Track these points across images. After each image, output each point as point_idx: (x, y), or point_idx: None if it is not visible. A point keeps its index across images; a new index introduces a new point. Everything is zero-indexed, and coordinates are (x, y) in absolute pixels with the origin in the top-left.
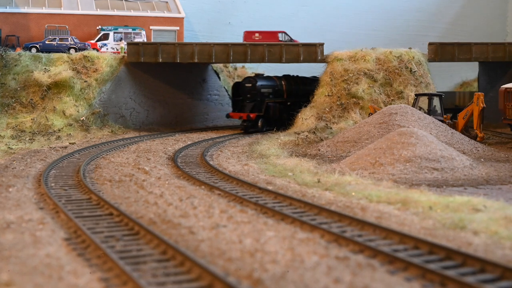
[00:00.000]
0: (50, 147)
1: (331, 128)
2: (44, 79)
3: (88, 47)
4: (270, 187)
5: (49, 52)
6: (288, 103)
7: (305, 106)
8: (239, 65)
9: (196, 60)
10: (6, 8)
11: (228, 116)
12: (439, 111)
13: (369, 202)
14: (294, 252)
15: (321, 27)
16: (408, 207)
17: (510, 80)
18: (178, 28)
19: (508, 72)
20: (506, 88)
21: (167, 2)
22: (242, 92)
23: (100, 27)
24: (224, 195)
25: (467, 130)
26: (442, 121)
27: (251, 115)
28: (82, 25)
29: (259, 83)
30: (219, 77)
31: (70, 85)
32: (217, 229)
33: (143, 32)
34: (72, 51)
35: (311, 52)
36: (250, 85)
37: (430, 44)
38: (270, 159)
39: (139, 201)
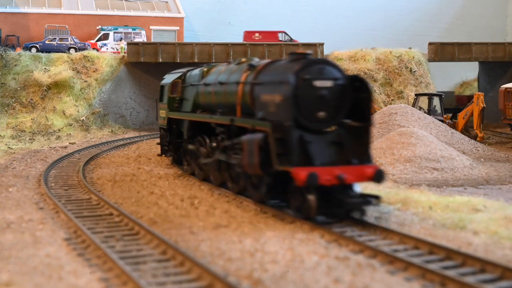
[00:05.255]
0: (50, 147)
1: None
2: (44, 79)
3: (88, 47)
4: None
5: (49, 52)
6: None
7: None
8: None
9: (196, 60)
10: (6, 8)
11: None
12: (439, 111)
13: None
14: (294, 252)
15: (321, 27)
16: (408, 207)
17: (510, 80)
18: (178, 28)
19: (508, 72)
20: (506, 88)
21: (167, 2)
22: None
23: (100, 27)
24: (225, 195)
25: (467, 130)
26: (442, 121)
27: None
28: (82, 25)
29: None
30: None
31: (70, 85)
32: (218, 229)
33: (143, 32)
34: (72, 51)
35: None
36: (329, 84)
37: (430, 44)
38: None
39: (140, 201)
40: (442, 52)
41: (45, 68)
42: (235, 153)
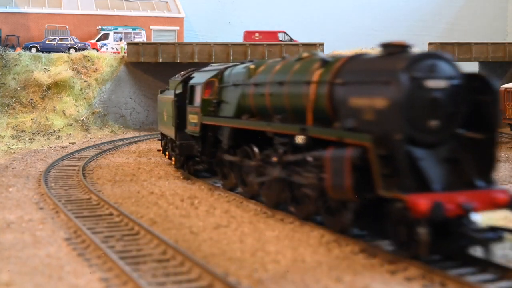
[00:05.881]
0: (50, 147)
1: None
2: (44, 79)
3: (88, 47)
4: None
5: (49, 52)
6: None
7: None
8: None
9: (196, 60)
10: (6, 8)
11: None
12: None
13: None
14: (294, 252)
15: (321, 27)
16: None
17: (510, 80)
18: (178, 28)
19: (508, 72)
20: (506, 88)
21: (167, 2)
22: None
23: (100, 27)
24: (225, 195)
25: None
26: None
27: None
28: (82, 25)
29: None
30: None
31: (70, 85)
32: (218, 229)
33: (143, 32)
34: (72, 51)
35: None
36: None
37: (430, 44)
38: None
39: (140, 201)
40: (442, 52)
41: (45, 68)
42: (306, 170)
